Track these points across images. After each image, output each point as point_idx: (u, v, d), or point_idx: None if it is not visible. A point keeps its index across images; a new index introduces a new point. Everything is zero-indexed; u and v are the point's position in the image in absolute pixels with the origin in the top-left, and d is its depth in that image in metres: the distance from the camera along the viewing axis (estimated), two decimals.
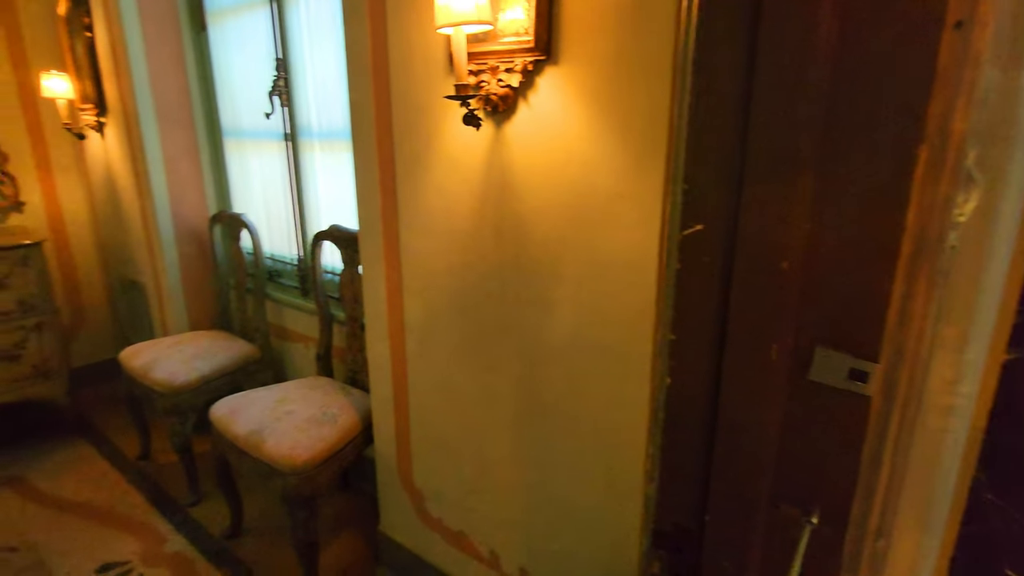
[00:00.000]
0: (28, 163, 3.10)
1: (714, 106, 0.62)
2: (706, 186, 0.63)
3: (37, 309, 2.72)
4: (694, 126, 0.64)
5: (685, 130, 0.64)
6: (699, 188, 0.63)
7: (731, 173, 0.61)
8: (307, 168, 2.44)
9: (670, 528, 0.70)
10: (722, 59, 0.61)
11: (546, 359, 1.41)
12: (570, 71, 1.20)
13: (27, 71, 3.03)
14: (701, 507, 0.67)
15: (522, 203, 1.35)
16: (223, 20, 2.63)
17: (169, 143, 2.74)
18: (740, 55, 0.60)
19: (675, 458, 0.69)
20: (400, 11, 1.46)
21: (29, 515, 2.33)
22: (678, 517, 0.70)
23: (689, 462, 0.68)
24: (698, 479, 0.68)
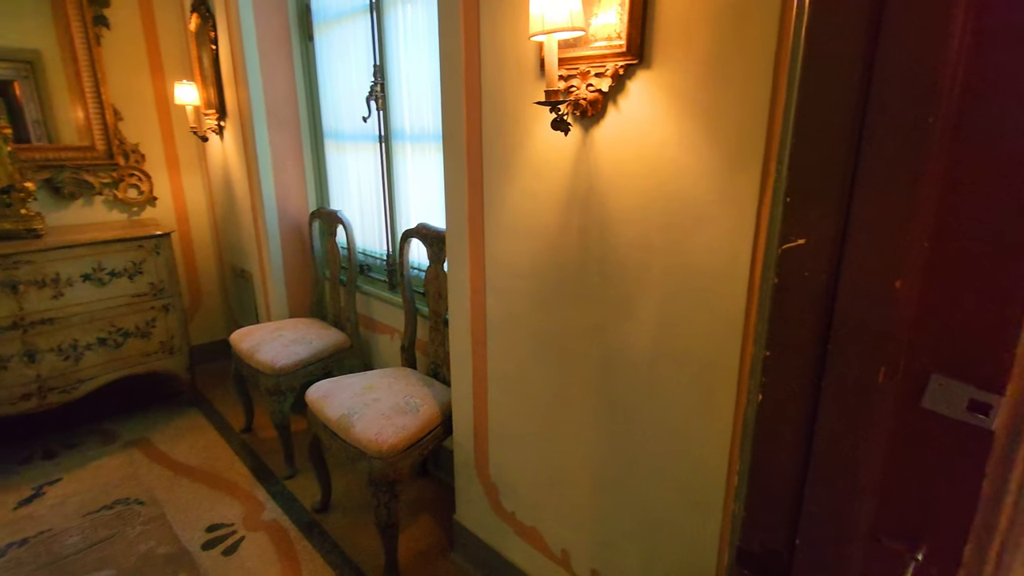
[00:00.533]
0: (160, 163, 3.49)
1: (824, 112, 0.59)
2: (811, 197, 0.60)
3: (165, 292, 3.06)
4: (800, 134, 0.61)
5: (789, 137, 0.62)
6: (803, 199, 0.61)
7: (840, 184, 0.59)
8: (398, 169, 2.56)
9: (757, 547, 0.68)
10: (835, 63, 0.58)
11: (627, 364, 1.40)
12: (662, 75, 1.18)
13: (163, 81, 3.41)
14: (792, 529, 0.65)
15: (608, 207, 1.35)
16: (328, 30, 2.82)
17: (277, 145, 2.98)
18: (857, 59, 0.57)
19: (765, 476, 0.67)
20: (494, 19, 1.50)
21: (153, 474, 2.64)
22: (766, 537, 0.68)
23: (780, 482, 0.66)
24: (790, 500, 0.66)
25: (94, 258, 2.82)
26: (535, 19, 1.19)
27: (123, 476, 2.62)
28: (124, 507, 2.40)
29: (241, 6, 2.75)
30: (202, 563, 2.09)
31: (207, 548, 2.17)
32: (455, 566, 2.09)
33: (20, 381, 2.68)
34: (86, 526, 2.28)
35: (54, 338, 2.75)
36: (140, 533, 2.24)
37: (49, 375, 2.76)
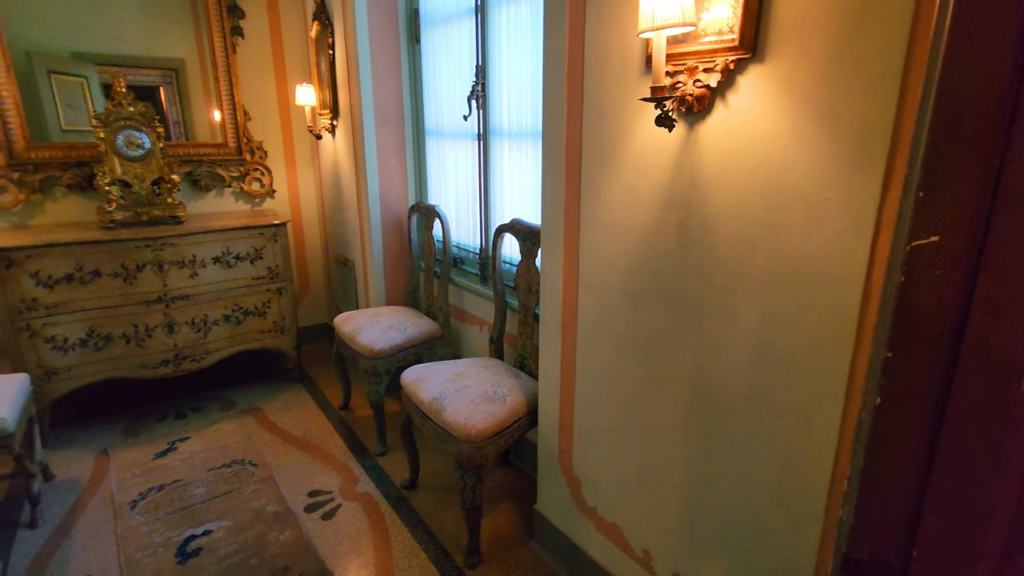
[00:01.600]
0: (280, 159, 3.83)
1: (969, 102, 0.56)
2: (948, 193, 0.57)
3: (280, 277, 3.36)
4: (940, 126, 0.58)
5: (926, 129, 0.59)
6: (938, 194, 0.58)
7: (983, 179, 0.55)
8: (495, 165, 2.65)
9: (866, 556, 0.66)
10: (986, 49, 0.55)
11: (724, 366, 1.37)
12: (776, 69, 1.14)
13: (285, 83, 3.74)
14: (908, 540, 0.62)
15: (709, 204, 1.32)
16: (433, 32, 2.96)
17: (383, 142, 3.17)
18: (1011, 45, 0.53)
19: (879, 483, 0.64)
20: (601, 16, 1.52)
21: (264, 440, 2.92)
22: (877, 546, 0.65)
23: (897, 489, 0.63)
24: (906, 509, 0.63)
25: (223, 243, 3.16)
26: (645, 15, 1.19)
27: (239, 440, 2.92)
28: (240, 467, 2.67)
29: (357, 13, 2.96)
30: (304, 524, 2.29)
31: (309, 511, 2.37)
32: (534, 554, 2.14)
33: (161, 349, 3.07)
34: (209, 480, 2.57)
35: (189, 313, 3.11)
36: (253, 491, 2.49)
37: (183, 345, 3.13)
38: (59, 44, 3.13)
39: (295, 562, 2.08)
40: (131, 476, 2.60)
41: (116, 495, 2.47)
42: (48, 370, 2.81)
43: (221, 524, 2.28)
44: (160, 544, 2.17)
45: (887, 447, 0.64)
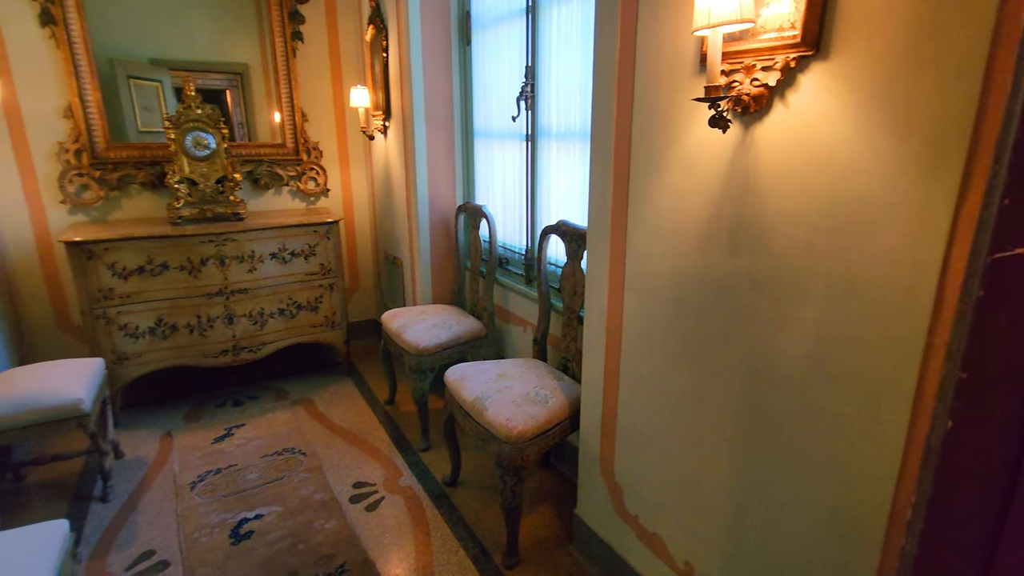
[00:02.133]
0: (334, 158, 3.95)
1: None
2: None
3: (332, 273, 3.47)
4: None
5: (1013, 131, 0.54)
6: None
7: None
8: (542, 166, 2.64)
9: None
10: None
11: (776, 378, 1.31)
12: (842, 67, 1.08)
13: (340, 86, 3.86)
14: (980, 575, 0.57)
15: (766, 208, 1.27)
16: (484, 34, 2.98)
17: (432, 143, 3.22)
18: None
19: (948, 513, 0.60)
20: (654, 14, 1.48)
21: (313, 430, 3.02)
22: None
23: (968, 521, 0.58)
24: (978, 547, 0.58)
25: (280, 239, 3.29)
26: (700, 12, 1.16)
27: (291, 429, 3.03)
28: (291, 455, 2.78)
29: (410, 16, 3.02)
30: (349, 514, 2.35)
31: (354, 502, 2.43)
32: (572, 559, 2.12)
33: (221, 339, 3.23)
34: (262, 466, 2.68)
35: (247, 305, 3.26)
36: (302, 480, 2.58)
37: (241, 336, 3.28)
38: (139, 51, 3.34)
39: (339, 551, 2.14)
40: (192, 458, 2.75)
41: (178, 476, 2.62)
42: (121, 355, 3.00)
43: (272, 509, 2.37)
44: (216, 525, 2.28)
45: (959, 476, 0.59)
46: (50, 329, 3.31)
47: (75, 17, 3.03)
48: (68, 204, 3.22)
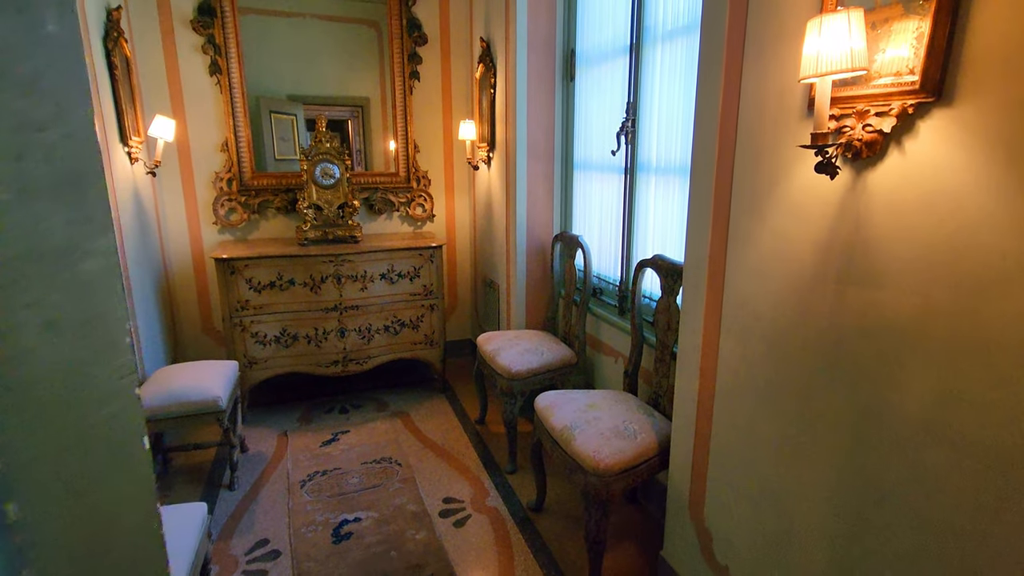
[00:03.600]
0: (441, 186, 4.22)
1: None
2: None
3: (433, 294, 3.69)
4: None
5: None
6: None
7: None
8: (640, 200, 2.65)
9: None
10: None
11: (885, 439, 1.23)
12: (967, 114, 1.02)
13: (450, 119, 4.14)
14: None
15: (877, 257, 1.21)
16: (587, 70, 3.07)
17: (533, 173, 3.35)
18: None
19: None
20: (760, 57, 1.48)
21: (409, 442, 3.21)
22: None
23: None
24: None
25: (389, 261, 3.56)
26: (808, 59, 1.15)
27: (389, 439, 3.24)
28: (388, 465, 2.97)
29: (518, 54, 3.19)
30: (438, 527, 2.46)
31: (443, 516, 2.55)
32: None
33: (333, 351, 3.54)
34: (362, 472, 2.89)
35: (357, 321, 3.55)
36: (397, 489, 2.75)
37: (351, 349, 3.57)
38: (280, 89, 3.82)
39: (427, 562, 2.25)
40: (303, 458, 3.03)
41: (291, 473, 2.89)
42: (251, 360, 3.39)
43: (369, 514, 2.55)
44: (320, 523, 2.49)
45: None
46: (196, 332, 3.82)
47: (236, 67, 3.55)
48: (218, 225, 3.73)
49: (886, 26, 1.14)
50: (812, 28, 1.12)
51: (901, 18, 1.11)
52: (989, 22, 0.98)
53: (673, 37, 2.33)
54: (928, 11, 1.06)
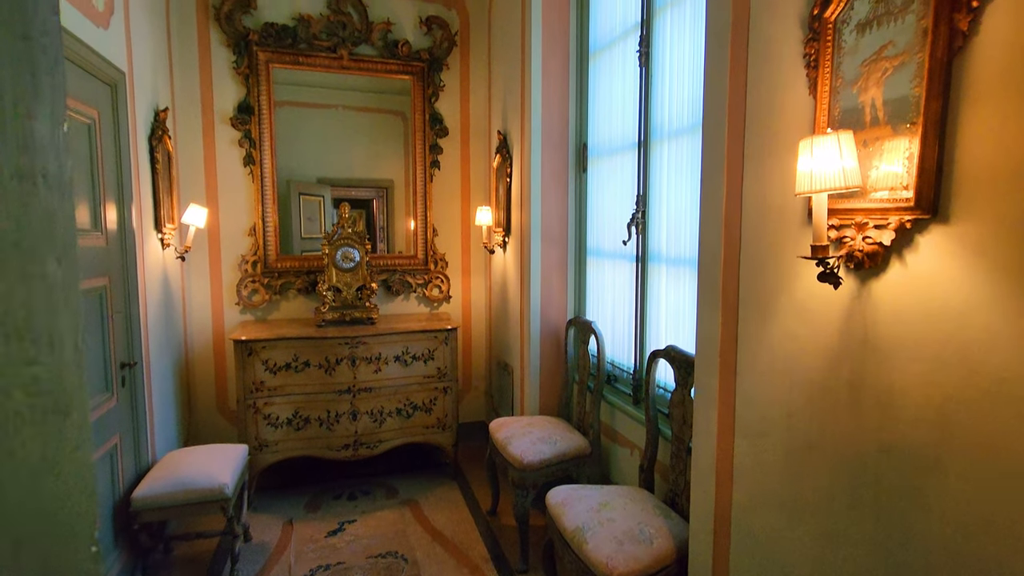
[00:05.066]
0: (457, 268, 4.32)
1: None
2: None
3: (447, 377, 3.68)
4: None
5: None
6: None
7: None
8: (652, 288, 2.67)
9: None
10: None
11: (914, 562, 1.14)
12: (964, 233, 1.03)
13: (468, 205, 4.30)
14: None
15: (891, 369, 1.18)
16: (599, 163, 3.20)
17: (547, 258, 3.41)
18: None
19: None
20: (760, 164, 1.53)
21: (417, 534, 3.08)
22: None
23: None
24: None
25: (404, 344, 3.59)
26: (802, 175, 1.19)
27: (396, 531, 3.11)
28: (393, 559, 2.84)
29: (533, 147, 3.35)
30: None
31: None
32: None
33: (344, 434, 3.50)
34: (367, 567, 2.77)
35: (369, 403, 3.53)
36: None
37: (362, 432, 3.53)
38: (309, 172, 4.04)
39: None
40: (306, 550, 2.92)
41: (293, 567, 2.78)
42: (262, 443, 3.37)
43: None
44: None
45: None
46: (211, 412, 3.83)
47: (268, 158, 3.79)
48: (241, 305, 3.84)
49: (878, 144, 1.19)
50: (804, 148, 1.17)
51: (891, 137, 1.16)
52: (975, 146, 1.01)
53: (679, 135, 2.44)
54: (916, 133, 1.10)
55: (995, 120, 0.98)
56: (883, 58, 1.16)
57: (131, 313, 2.66)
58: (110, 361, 2.46)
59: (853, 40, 1.22)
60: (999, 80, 0.97)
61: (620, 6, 2.90)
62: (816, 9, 1.30)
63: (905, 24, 1.11)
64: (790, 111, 1.41)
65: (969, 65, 1.01)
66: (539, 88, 3.32)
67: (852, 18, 1.23)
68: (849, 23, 1.23)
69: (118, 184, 2.61)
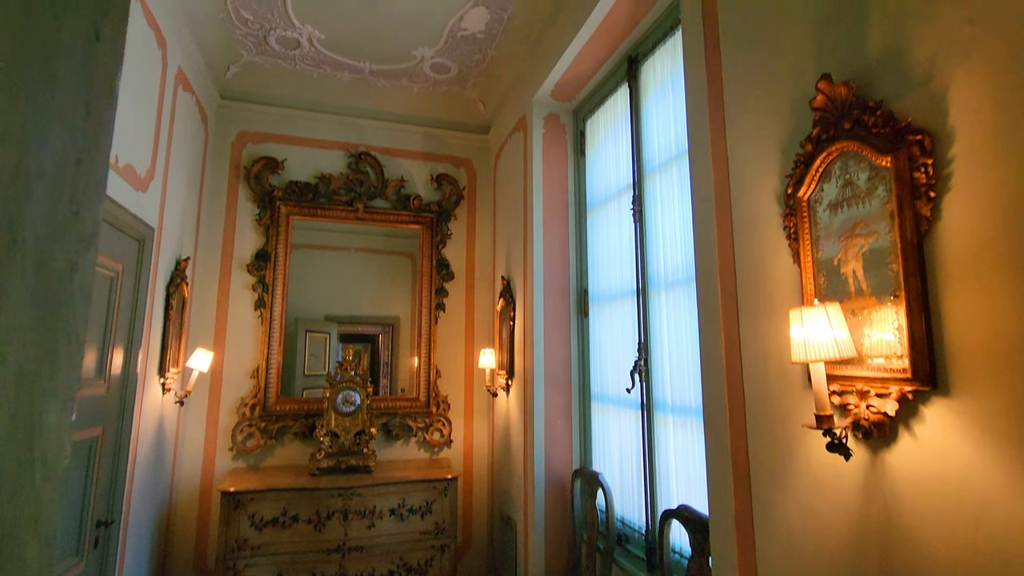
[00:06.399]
0: (459, 411, 4.23)
1: None
2: None
3: (445, 533, 3.41)
4: None
5: None
6: None
7: None
8: (659, 439, 2.57)
9: None
10: None
11: None
12: (969, 408, 1.01)
13: (472, 347, 4.33)
14: None
15: (919, 550, 1.09)
16: (600, 308, 3.28)
17: (550, 403, 3.35)
18: None
19: None
20: (755, 325, 1.56)
21: None
22: None
23: None
24: None
25: (401, 495, 3.39)
26: (796, 344, 1.20)
27: None
28: None
29: (535, 291, 3.46)
30: None
31: None
32: None
33: None
34: None
35: (360, 564, 3.24)
36: None
37: None
38: (318, 310, 4.14)
39: None
40: None
41: None
42: None
43: None
44: None
45: None
46: (188, 571, 3.51)
47: (279, 302, 3.91)
48: (234, 451, 3.70)
49: (865, 313, 1.22)
50: (795, 319, 1.20)
51: (877, 307, 1.19)
52: (963, 324, 1.03)
53: (675, 286, 2.52)
54: (901, 305, 1.13)
55: (978, 301, 1.01)
56: (857, 235, 1.23)
57: (118, 465, 2.57)
58: (86, 519, 2.32)
59: (827, 217, 1.32)
60: (971, 264, 1.02)
61: (613, 169, 3.18)
62: (790, 188, 1.41)
63: (872, 206, 1.20)
64: (777, 278, 1.47)
65: (939, 247, 1.08)
66: (540, 237, 3.52)
67: (823, 198, 1.33)
68: (822, 202, 1.34)
69: (129, 331, 2.67)
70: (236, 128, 4.03)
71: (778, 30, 1.51)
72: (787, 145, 1.47)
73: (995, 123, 0.99)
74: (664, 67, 2.70)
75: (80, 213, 0.41)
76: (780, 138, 1.49)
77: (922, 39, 1.12)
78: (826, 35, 1.36)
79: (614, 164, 3.17)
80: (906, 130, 1.13)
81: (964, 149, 1.04)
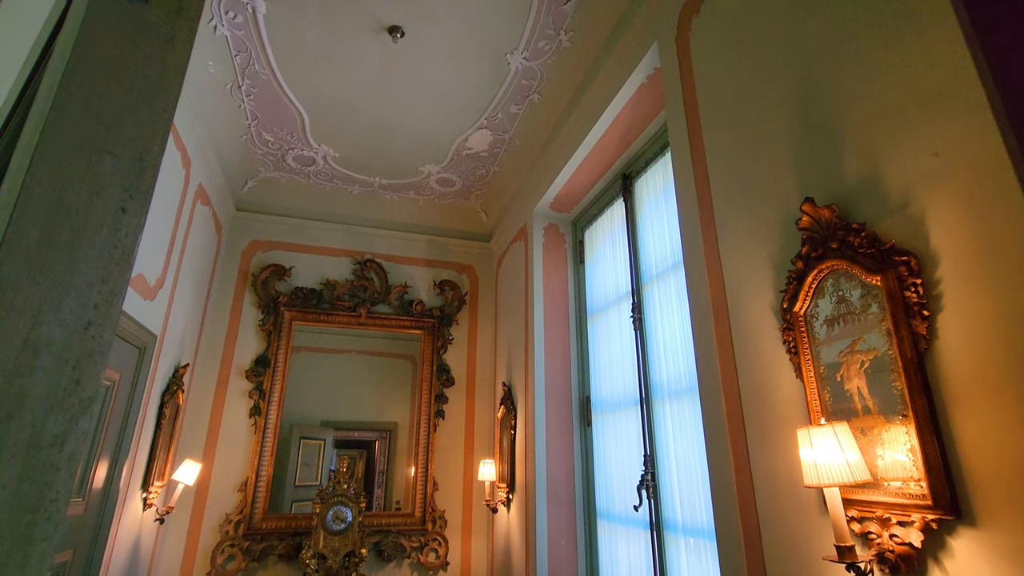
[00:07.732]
0: (457, 529, 3.96)
1: None
2: None
3: None
4: None
5: None
6: None
7: None
8: (671, 564, 2.38)
9: None
10: None
11: None
12: (1001, 542, 0.95)
13: (471, 458, 4.16)
14: None
15: None
16: (604, 417, 3.19)
17: (554, 522, 3.14)
18: None
19: None
20: (764, 442, 1.51)
21: None
22: None
23: None
24: None
25: None
26: (807, 466, 1.15)
27: None
28: None
29: (536, 399, 3.38)
30: None
31: None
32: None
33: None
34: None
35: None
36: None
37: None
38: (314, 416, 4.02)
39: None
40: None
41: None
42: None
43: None
44: None
45: None
46: None
47: (275, 408, 3.82)
48: (213, 575, 3.42)
49: (875, 432, 1.18)
50: (803, 439, 1.16)
51: (886, 427, 1.15)
52: (977, 446, 1.00)
53: (679, 396, 2.47)
54: (910, 424, 1.10)
55: (989, 423, 0.98)
56: (857, 351, 1.23)
57: None
58: None
59: (825, 333, 1.32)
60: (976, 384, 1.00)
61: (612, 277, 3.25)
62: (785, 303, 1.43)
63: (868, 323, 1.21)
64: (781, 392, 1.45)
65: (941, 366, 1.07)
66: (542, 343, 3.52)
67: (819, 314, 1.34)
68: (818, 317, 1.35)
69: (118, 442, 2.58)
70: (248, 237, 4.19)
71: (761, 155, 1.62)
72: (779, 260, 1.51)
73: (977, 246, 1.02)
74: (657, 183, 2.85)
75: (81, 381, 0.41)
76: (771, 253, 1.54)
77: (894, 169, 1.20)
78: (806, 161, 1.45)
79: (613, 272, 3.25)
80: (892, 251, 1.16)
81: (950, 271, 1.06)
